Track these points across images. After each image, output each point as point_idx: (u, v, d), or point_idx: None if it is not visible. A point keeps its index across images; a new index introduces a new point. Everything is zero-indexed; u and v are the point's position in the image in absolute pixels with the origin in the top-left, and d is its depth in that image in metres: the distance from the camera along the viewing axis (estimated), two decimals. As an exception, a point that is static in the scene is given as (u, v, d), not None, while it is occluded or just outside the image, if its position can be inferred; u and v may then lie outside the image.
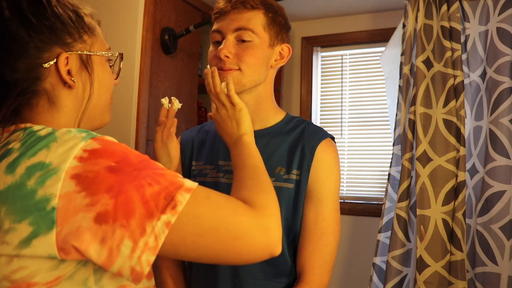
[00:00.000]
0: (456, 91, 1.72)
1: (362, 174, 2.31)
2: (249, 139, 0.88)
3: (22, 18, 0.63)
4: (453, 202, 1.68)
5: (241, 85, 0.96)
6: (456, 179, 1.68)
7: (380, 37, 2.23)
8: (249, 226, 0.62)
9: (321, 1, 2.17)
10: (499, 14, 1.71)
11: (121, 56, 0.78)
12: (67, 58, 0.67)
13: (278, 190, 0.98)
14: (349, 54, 2.39)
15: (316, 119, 2.43)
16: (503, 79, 1.67)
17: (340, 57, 2.41)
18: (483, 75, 1.75)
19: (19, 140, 0.60)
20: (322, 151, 0.99)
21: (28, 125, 0.64)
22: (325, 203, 0.97)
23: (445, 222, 1.67)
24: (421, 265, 1.65)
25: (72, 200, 0.55)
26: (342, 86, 2.39)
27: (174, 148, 1.04)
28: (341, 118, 2.37)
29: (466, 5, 1.79)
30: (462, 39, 1.78)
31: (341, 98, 2.39)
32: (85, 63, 0.70)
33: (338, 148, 1.06)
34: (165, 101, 1.01)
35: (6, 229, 0.55)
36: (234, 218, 0.61)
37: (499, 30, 1.70)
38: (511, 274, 1.59)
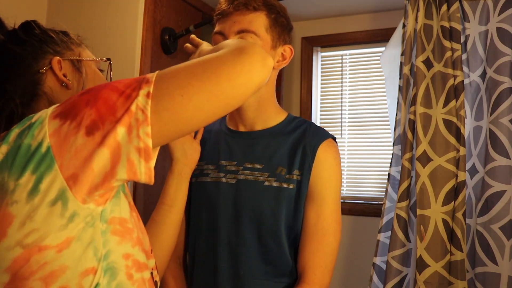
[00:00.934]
0: (456, 91, 1.72)
1: (362, 174, 2.32)
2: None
3: (15, 38, 0.73)
4: (453, 202, 1.68)
5: None
6: (456, 179, 1.68)
7: (380, 37, 2.23)
8: (228, 55, 0.62)
9: (321, 1, 2.17)
10: (499, 14, 1.71)
11: (109, 62, 0.84)
12: (59, 61, 0.74)
13: (279, 191, 0.98)
14: (349, 54, 2.39)
15: (316, 119, 2.43)
16: (503, 79, 1.67)
17: (340, 57, 2.41)
18: (483, 75, 1.75)
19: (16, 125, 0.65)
20: (323, 151, 0.99)
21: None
22: (326, 203, 0.97)
23: (445, 222, 1.67)
24: (421, 265, 1.65)
25: (61, 133, 0.57)
26: (342, 86, 2.39)
27: (191, 147, 1.03)
28: (341, 118, 2.37)
29: (466, 5, 1.79)
30: (462, 39, 1.78)
31: (341, 98, 2.39)
32: (77, 66, 0.77)
33: (338, 148, 1.06)
34: None
35: (12, 189, 0.57)
36: (212, 56, 0.61)
37: (499, 30, 1.70)
38: (511, 274, 1.59)
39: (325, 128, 1.08)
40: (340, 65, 2.41)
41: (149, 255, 0.69)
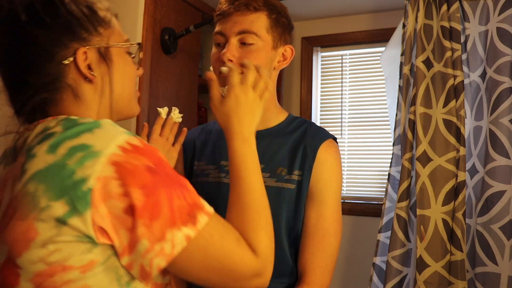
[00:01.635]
0: (456, 91, 1.72)
1: (362, 174, 2.32)
2: (255, 144, 0.79)
3: (37, 19, 0.65)
4: (453, 202, 1.68)
5: None
6: (456, 179, 1.68)
7: (380, 37, 2.23)
8: (246, 271, 0.66)
9: (321, 1, 2.17)
10: (499, 14, 1.71)
11: (139, 45, 0.78)
12: (85, 52, 0.67)
13: (280, 191, 0.98)
14: (349, 54, 2.39)
15: (316, 119, 2.43)
16: (503, 79, 1.67)
17: (340, 57, 2.41)
18: (483, 75, 1.75)
19: (59, 125, 0.62)
20: (324, 151, 0.99)
21: (60, 116, 0.66)
22: (326, 204, 0.97)
23: (445, 222, 1.67)
24: (421, 265, 1.65)
25: (108, 185, 0.57)
26: (342, 86, 2.39)
27: (167, 154, 1.04)
28: (341, 118, 2.37)
29: (466, 5, 1.79)
30: (462, 39, 1.78)
31: (341, 98, 2.39)
32: (104, 55, 0.70)
33: (338, 148, 1.06)
34: (162, 110, 1.00)
35: (42, 207, 0.56)
36: (237, 258, 0.66)
37: (499, 30, 1.70)
38: (511, 274, 1.59)
39: (325, 128, 1.08)
40: (340, 65, 2.40)
41: (165, 272, 0.70)
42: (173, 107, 1.04)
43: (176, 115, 1.03)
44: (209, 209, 0.64)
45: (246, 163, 0.75)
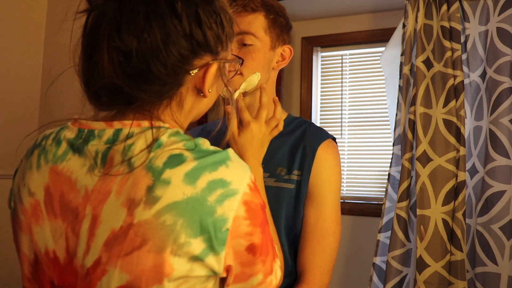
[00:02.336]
0: (456, 91, 1.72)
1: (362, 174, 2.32)
2: (262, 170, 0.92)
3: (192, 14, 0.60)
4: (453, 202, 1.68)
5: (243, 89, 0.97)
6: (456, 179, 1.68)
7: (380, 37, 2.23)
8: (280, 278, 0.71)
9: (321, 1, 2.17)
10: (499, 14, 1.71)
11: (241, 62, 0.78)
12: (216, 68, 0.64)
13: (279, 191, 0.98)
14: (349, 54, 2.39)
15: (316, 119, 2.43)
16: (503, 79, 1.67)
17: (340, 57, 2.41)
18: (483, 75, 1.75)
19: (184, 147, 0.58)
20: (323, 151, 0.99)
21: (161, 124, 0.61)
22: (326, 204, 0.97)
23: (445, 222, 1.67)
24: (421, 265, 1.65)
25: (239, 225, 0.57)
26: (342, 86, 2.39)
27: None
28: (341, 118, 2.37)
29: (466, 5, 1.79)
30: (462, 39, 1.78)
31: (341, 98, 2.39)
32: (221, 71, 0.67)
33: (338, 148, 1.06)
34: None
35: (181, 242, 0.54)
36: (278, 275, 0.69)
37: (499, 30, 1.70)
38: (511, 274, 1.59)
39: (325, 128, 1.08)
40: (340, 65, 2.40)
41: None
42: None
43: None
44: None
45: (261, 189, 0.87)
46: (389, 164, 1.88)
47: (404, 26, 1.86)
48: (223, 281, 0.62)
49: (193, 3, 0.60)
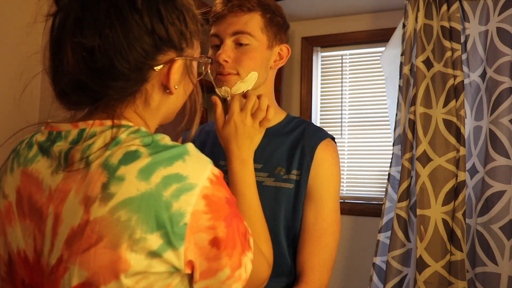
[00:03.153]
0: (456, 91, 1.72)
1: (362, 174, 2.32)
2: (252, 166, 0.89)
3: (153, 10, 0.60)
4: (453, 202, 1.68)
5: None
6: (456, 179, 1.68)
7: (380, 37, 2.23)
8: (265, 277, 0.74)
9: (321, 1, 2.17)
10: (499, 14, 1.71)
11: (210, 62, 0.76)
12: (180, 64, 0.64)
13: (278, 190, 0.98)
14: (349, 54, 2.39)
15: (316, 119, 2.43)
16: (503, 79, 1.67)
17: (340, 57, 2.41)
18: (483, 75, 1.75)
19: (139, 142, 0.58)
20: (322, 151, 0.99)
21: (124, 122, 0.61)
22: (325, 203, 0.97)
23: (445, 222, 1.67)
24: (421, 265, 1.65)
25: (199, 219, 0.56)
26: (342, 86, 2.39)
27: None
28: (341, 118, 2.37)
29: (466, 5, 1.79)
30: (462, 39, 1.78)
31: (341, 98, 2.39)
32: (188, 69, 0.67)
33: (338, 148, 1.06)
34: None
35: (137, 238, 0.54)
36: (263, 268, 0.74)
37: (499, 30, 1.70)
38: (511, 274, 1.59)
39: (325, 128, 1.08)
40: (340, 65, 2.41)
41: None
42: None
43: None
44: (248, 228, 0.68)
45: (245, 181, 0.84)
46: (389, 164, 1.88)
47: (404, 26, 1.86)
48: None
49: (156, 2, 0.61)
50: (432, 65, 1.77)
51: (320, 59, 2.46)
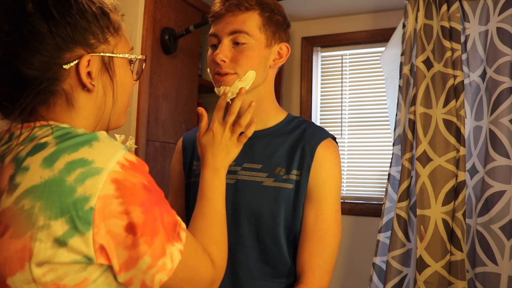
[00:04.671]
0: (456, 91, 1.72)
1: (362, 174, 2.32)
2: (224, 175, 0.89)
3: (45, 12, 0.60)
4: (453, 202, 1.68)
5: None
6: (456, 179, 1.68)
7: (380, 37, 2.23)
8: (208, 279, 0.72)
9: (321, 1, 2.17)
10: (499, 14, 1.71)
11: (145, 60, 0.76)
12: (88, 60, 0.64)
13: (278, 191, 0.97)
14: (349, 54, 2.39)
15: (316, 119, 2.43)
16: (503, 79, 1.67)
17: (340, 57, 2.41)
18: (483, 75, 1.75)
19: (51, 134, 0.59)
20: (322, 151, 0.99)
21: (51, 122, 0.62)
22: (325, 204, 0.97)
23: (445, 222, 1.67)
24: (421, 265, 1.65)
25: (109, 204, 0.56)
26: (342, 86, 2.39)
27: None
28: (341, 118, 2.37)
29: (466, 5, 1.79)
30: (462, 39, 1.78)
31: (341, 98, 2.39)
32: (107, 65, 0.67)
33: (338, 147, 1.06)
34: (119, 137, 0.97)
35: (40, 225, 0.54)
36: (204, 269, 0.71)
37: (499, 30, 1.70)
38: (511, 274, 1.59)
39: (325, 128, 1.07)
40: (340, 65, 2.41)
41: None
42: (130, 136, 1.01)
43: (131, 144, 1.00)
44: (184, 225, 0.67)
45: (214, 187, 0.85)
46: (389, 164, 1.88)
47: (404, 26, 1.86)
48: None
49: (45, 2, 0.61)
50: (432, 65, 1.77)
51: (320, 59, 2.46)
